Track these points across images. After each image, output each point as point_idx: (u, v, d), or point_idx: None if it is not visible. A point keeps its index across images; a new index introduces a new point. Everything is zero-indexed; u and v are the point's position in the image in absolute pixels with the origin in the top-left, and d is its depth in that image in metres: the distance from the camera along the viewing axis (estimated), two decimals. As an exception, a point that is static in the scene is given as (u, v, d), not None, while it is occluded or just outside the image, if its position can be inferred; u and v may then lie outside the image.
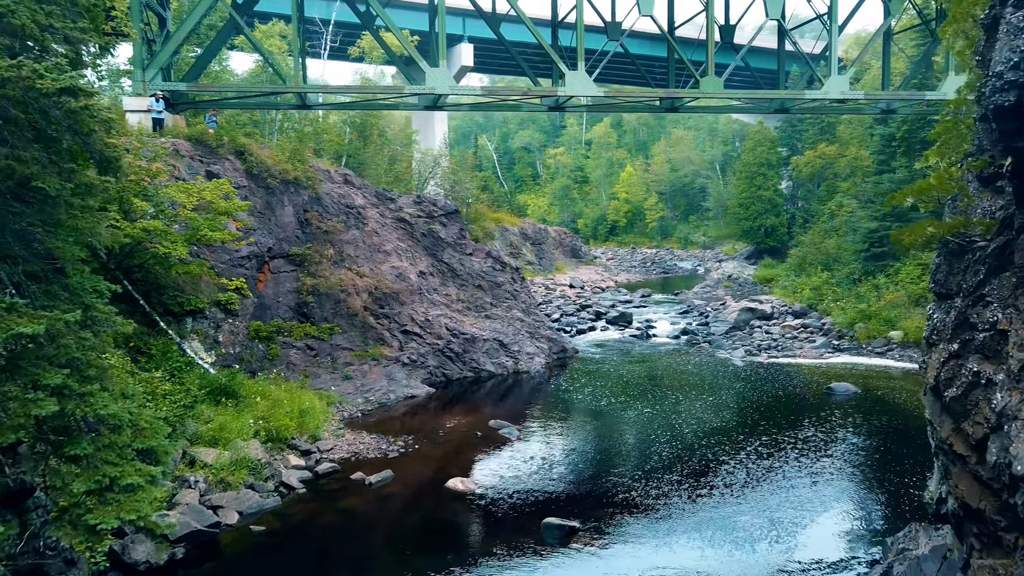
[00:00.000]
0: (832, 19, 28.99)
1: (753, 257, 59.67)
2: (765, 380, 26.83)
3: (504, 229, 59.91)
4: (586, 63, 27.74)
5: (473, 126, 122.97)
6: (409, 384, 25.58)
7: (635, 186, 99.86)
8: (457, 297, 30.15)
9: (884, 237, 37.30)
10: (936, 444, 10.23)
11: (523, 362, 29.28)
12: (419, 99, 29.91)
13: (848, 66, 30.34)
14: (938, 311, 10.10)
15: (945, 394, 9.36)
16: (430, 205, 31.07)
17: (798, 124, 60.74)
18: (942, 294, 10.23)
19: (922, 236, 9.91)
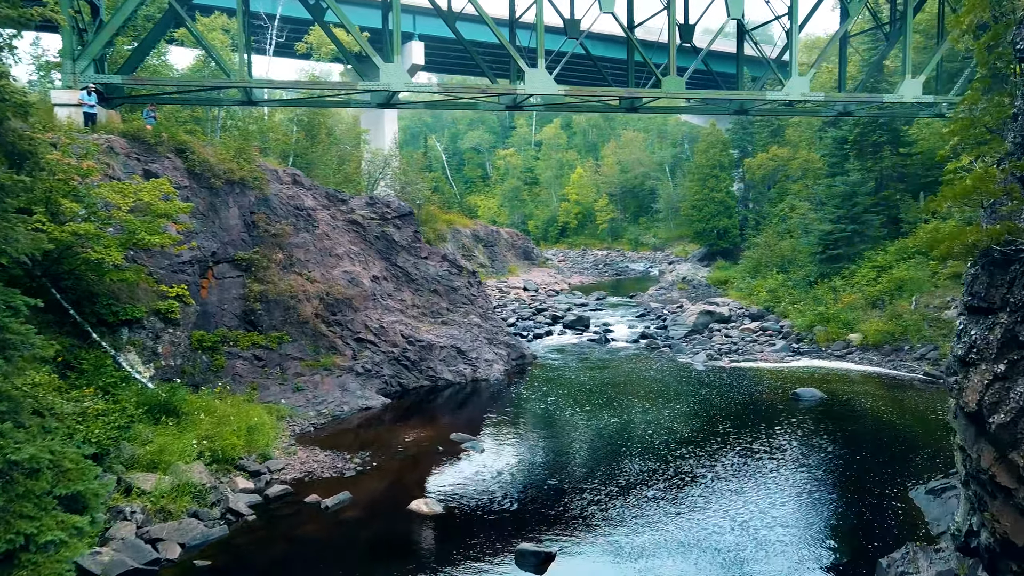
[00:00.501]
0: (792, 19, 28.74)
1: (706, 259, 59.73)
2: (730, 386, 26.33)
3: (456, 231, 58.77)
4: (545, 61, 26.88)
5: (422, 126, 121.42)
6: (364, 395, 24.34)
7: (585, 187, 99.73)
8: (412, 302, 28.98)
9: (839, 239, 37.44)
10: (968, 473, 9.50)
11: (482, 370, 28.26)
12: (372, 96, 28.65)
13: (810, 67, 30.15)
14: (975, 327, 9.37)
15: (989, 420, 8.58)
16: (383, 207, 29.83)
17: (749, 126, 61.08)
18: (981, 308, 9.52)
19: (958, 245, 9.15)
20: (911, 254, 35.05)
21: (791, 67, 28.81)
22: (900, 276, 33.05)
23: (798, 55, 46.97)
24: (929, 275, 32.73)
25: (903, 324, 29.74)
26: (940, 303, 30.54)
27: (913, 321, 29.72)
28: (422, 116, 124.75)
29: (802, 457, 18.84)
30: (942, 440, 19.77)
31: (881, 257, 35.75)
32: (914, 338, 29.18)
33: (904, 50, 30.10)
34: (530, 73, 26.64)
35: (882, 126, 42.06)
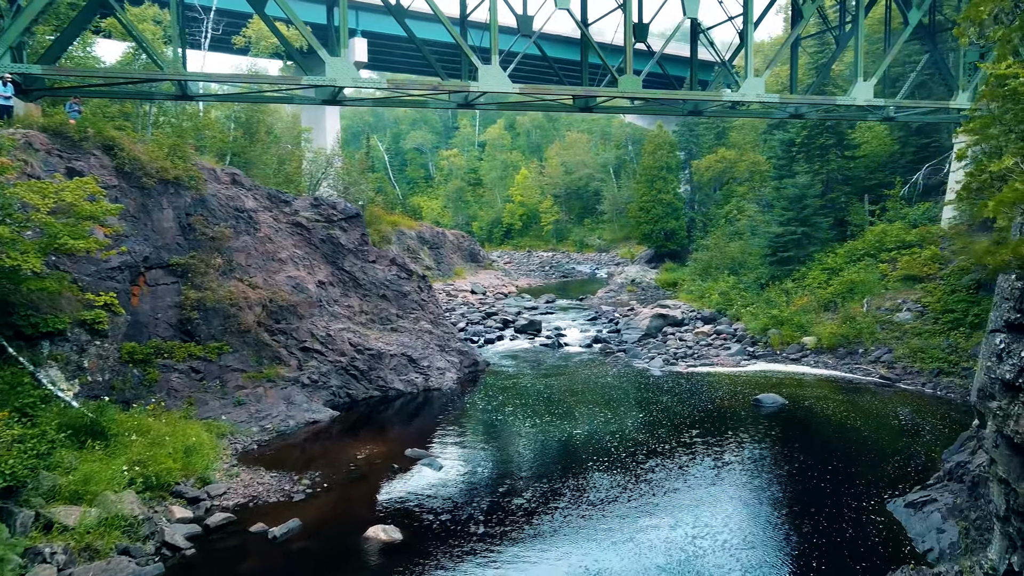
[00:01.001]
0: (747, 19, 28.39)
1: (654, 261, 59.61)
2: (690, 392, 25.78)
3: (401, 233, 57.32)
4: (499, 58, 25.89)
5: (363, 126, 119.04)
6: (310, 407, 22.94)
7: (530, 189, 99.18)
8: (360, 309, 27.65)
9: (789, 242, 37.44)
10: (1011, 508, 8.78)
11: (434, 378, 27.12)
12: (317, 92, 27.15)
13: (765, 69, 29.87)
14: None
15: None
16: (329, 208, 28.41)
17: (695, 128, 61.26)
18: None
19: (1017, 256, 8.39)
20: (860, 256, 35.23)
21: (747, 68, 28.47)
22: (851, 278, 33.13)
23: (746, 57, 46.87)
24: (879, 277, 32.88)
25: (856, 327, 29.72)
26: (891, 305, 30.63)
27: (866, 324, 29.73)
28: (363, 116, 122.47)
29: (771, 468, 18.28)
30: (910, 447, 19.49)
31: (831, 259, 35.85)
32: (868, 341, 29.17)
33: (856, 52, 30.10)
34: (483, 70, 25.59)
35: (828, 129, 42.38)
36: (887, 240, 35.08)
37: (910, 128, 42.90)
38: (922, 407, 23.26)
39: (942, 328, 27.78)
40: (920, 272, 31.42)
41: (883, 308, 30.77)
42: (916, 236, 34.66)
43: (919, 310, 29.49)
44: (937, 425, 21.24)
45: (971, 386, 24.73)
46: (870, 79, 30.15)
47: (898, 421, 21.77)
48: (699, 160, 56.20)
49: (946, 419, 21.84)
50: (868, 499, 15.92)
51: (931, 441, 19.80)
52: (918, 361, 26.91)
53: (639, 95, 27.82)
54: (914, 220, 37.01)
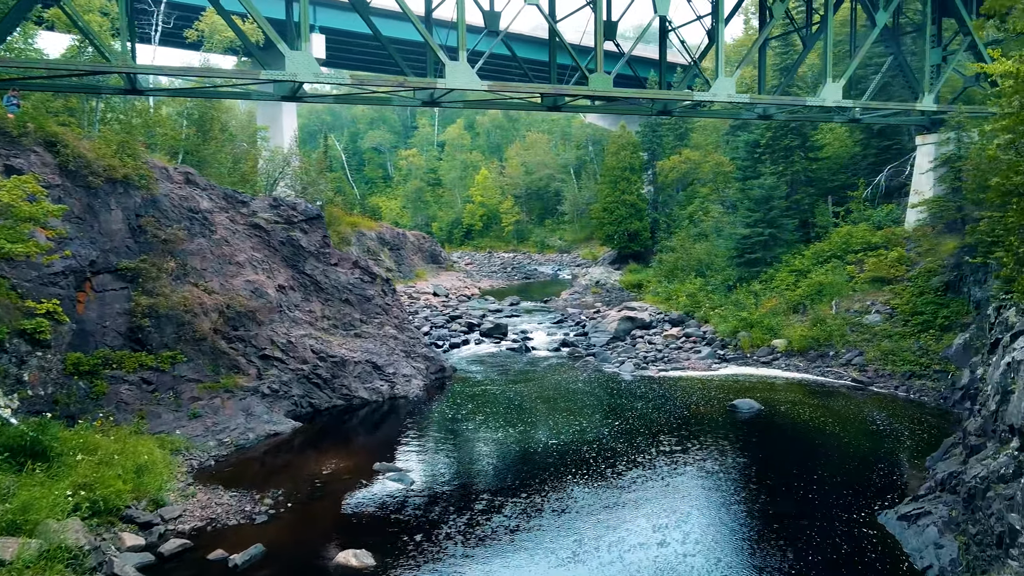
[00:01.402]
0: (718, 17, 28.00)
1: (618, 262, 59.20)
2: (663, 398, 25.22)
3: (361, 234, 56.03)
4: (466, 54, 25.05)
5: (320, 125, 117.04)
6: (271, 419, 21.80)
7: (490, 189, 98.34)
8: (322, 314, 26.54)
9: (756, 243, 37.23)
10: None
11: (400, 386, 26.13)
12: (276, 88, 25.99)
13: (735, 69, 29.57)
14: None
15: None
16: (289, 209, 27.22)
17: (658, 129, 61.02)
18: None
19: None
20: (827, 258, 35.17)
21: (718, 68, 28.06)
22: (819, 280, 33.00)
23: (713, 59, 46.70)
24: (846, 279, 32.80)
25: (827, 329, 29.53)
26: (860, 307, 30.53)
27: (836, 326, 29.56)
28: (320, 115, 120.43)
29: (754, 478, 17.75)
30: (891, 453, 19.15)
31: (798, 261, 35.73)
32: (838, 343, 28.99)
33: (825, 53, 29.95)
34: (451, 66, 24.70)
35: (793, 130, 42.37)
36: (853, 242, 35.07)
37: (871, 130, 43.13)
38: (898, 411, 23.03)
39: (912, 330, 27.70)
40: (887, 274, 31.40)
41: (852, 310, 30.66)
42: (881, 238, 34.71)
43: (888, 312, 29.41)
44: (916, 430, 20.98)
45: (943, 389, 24.69)
46: (839, 80, 30.01)
47: (876, 426, 21.48)
48: (663, 161, 55.92)
49: (924, 424, 21.61)
50: (858, 510, 15.46)
51: (912, 447, 19.50)
52: (889, 364, 26.76)
53: (610, 94, 27.20)
54: (878, 222, 37.11)
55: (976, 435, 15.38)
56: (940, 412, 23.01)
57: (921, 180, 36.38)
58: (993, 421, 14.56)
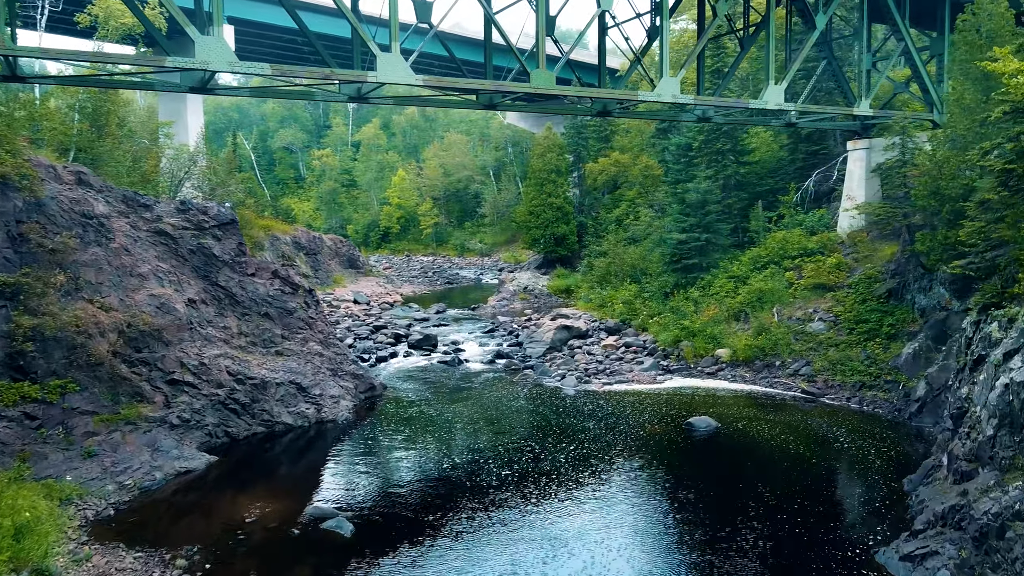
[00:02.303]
0: (662, 14, 26.78)
1: (544, 267, 57.86)
2: (612, 415, 23.72)
3: (275, 238, 52.69)
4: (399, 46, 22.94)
5: (228, 122, 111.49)
6: (182, 453, 19.12)
7: (407, 191, 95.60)
8: (239, 330, 23.86)
9: (693, 249, 36.34)
10: None
11: (327, 408, 23.76)
12: (183, 77, 23.18)
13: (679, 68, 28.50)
14: None
15: None
16: (199, 214, 24.40)
17: (583, 131, 60.04)
18: None
19: None
20: (764, 264, 34.59)
21: (662, 67, 26.84)
22: (759, 287, 32.30)
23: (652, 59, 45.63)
24: (786, 286, 32.23)
25: (771, 338, 28.74)
26: (803, 315, 29.93)
27: (780, 335, 28.81)
28: (227, 111, 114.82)
29: (731, 510, 16.35)
30: (864, 475, 18.11)
31: (736, 267, 35.03)
32: (784, 353, 28.22)
33: (768, 54, 29.25)
34: (383, 59, 22.52)
35: (725, 134, 41.91)
36: (789, 247, 34.62)
37: (799, 135, 43.15)
38: (855, 425, 22.22)
39: (858, 339, 27.16)
40: (827, 280, 30.94)
41: (794, 318, 30.03)
42: (817, 243, 34.38)
43: (831, 320, 28.87)
44: (880, 447, 20.11)
45: (895, 400, 24.12)
46: (780, 83, 29.32)
47: (839, 443, 20.53)
48: (591, 163, 54.89)
49: (885, 439, 20.81)
50: (851, 547, 14.22)
51: (883, 467, 18.55)
52: (838, 374, 26.10)
53: (553, 91, 25.56)
54: (811, 227, 36.86)
55: (967, 460, 14.39)
56: (896, 425, 22.34)
57: (853, 185, 36.34)
58: (991, 447, 13.56)
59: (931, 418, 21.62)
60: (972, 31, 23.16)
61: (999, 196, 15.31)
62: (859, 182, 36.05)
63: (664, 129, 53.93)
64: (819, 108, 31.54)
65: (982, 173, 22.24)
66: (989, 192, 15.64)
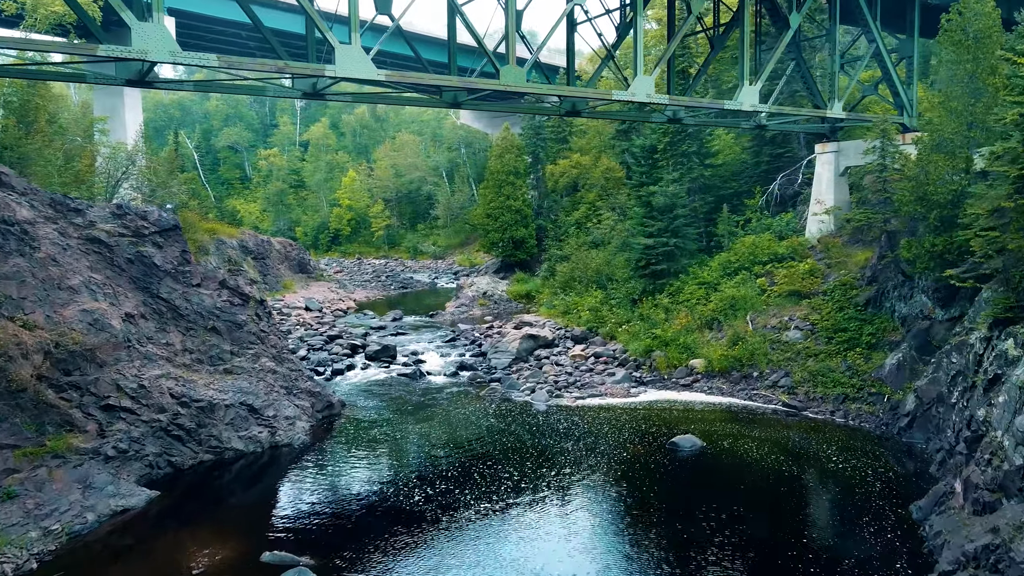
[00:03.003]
0: (636, 10, 25.51)
1: (503, 271, 56.29)
2: (590, 433, 22.31)
3: (220, 242, 49.71)
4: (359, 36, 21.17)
5: (168, 120, 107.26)
6: (118, 490, 17.07)
7: (358, 192, 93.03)
8: (184, 347, 21.76)
9: (662, 254, 35.20)
10: None
11: (282, 431, 21.84)
12: (119, 69, 21.03)
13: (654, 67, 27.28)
14: None
15: None
16: (138, 219, 22.23)
17: (542, 131, 58.68)
18: None
19: None
20: (735, 269, 33.66)
21: (636, 66, 25.56)
22: (731, 294, 31.32)
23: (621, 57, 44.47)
24: (759, 292, 31.32)
25: (748, 348, 27.70)
26: (778, 323, 29.01)
27: (757, 344, 27.80)
28: (169, 109, 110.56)
29: (736, 546, 15.02)
30: (868, 501, 16.97)
31: (706, 273, 34.02)
32: (762, 363, 27.21)
33: (742, 54, 28.25)
34: (342, 51, 20.74)
35: (690, 135, 41.00)
36: (760, 253, 33.74)
37: (763, 138, 42.51)
38: (845, 442, 21.21)
39: (837, 348, 26.30)
40: (801, 287, 30.11)
41: (769, 326, 29.09)
42: (787, 248, 33.59)
43: (808, 328, 28.00)
44: (876, 468, 19.09)
45: (881, 413, 23.25)
46: (755, 83, 28.36)
47: (834, 464, 19.44)
48: (551, 165, 53.55)
49: (880, 459, 19.81)
50: None
51: (885, 491, 17.48)
52: (819, 386, 25.16)
53: (523, 89, 24.07)
54: (780, 231, 36.12)
55: (989, 490, 13.34)
56: (886, 440, 21.42)
57: (822, 189, 35.72)
58: (1020, 477, 12.49)
59: (922, 434, 20.74)
60: (958, 31, 22.43)
61: (1016, 204, 14.36)
62: (828, 185, 35.44)
63: (624, 130, 52.90)
64: (793, 110, 30.74)
65: (971, 179, 21.53)
66: (1004, 200, 14.69)
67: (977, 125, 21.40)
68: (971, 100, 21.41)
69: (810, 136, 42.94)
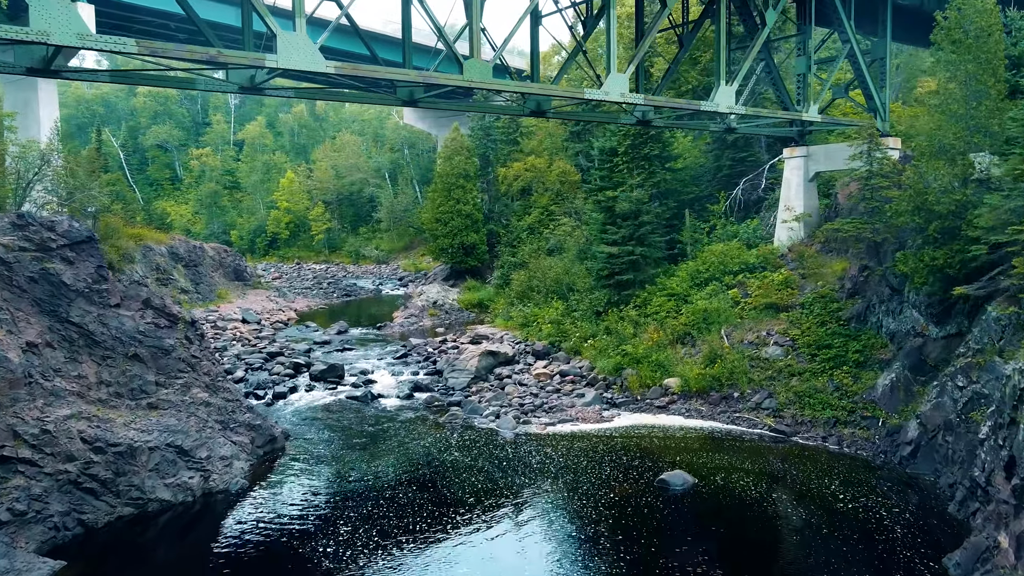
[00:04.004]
0: (610, 6, 23.44)
1: (453, 278, 53.76)
2: (568, 469, 20.07)
3: (148, 249, 46.29)
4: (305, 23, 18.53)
5: (91, 117, 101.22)
6: (12, 564, 14.08)
7: (297, 194, 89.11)
8: (99, 379, 18.73)
9: (629, 263, 33.21)
10: None
11: (216, 474, 19.01)
12: (18, 53, 17.95)
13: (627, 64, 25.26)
14: None
15: None
16: (43, 230, 19.07)
17: (492, 132, 56.36)
18: None
19: None
20: (704, 280, 31.94)
21: (609, 62, 23.48)
22: (702, 307, 29.54)
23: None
24: (731, 304, 29.63)
25: (727, 367, 25.89)
26: (755, 339, 27.31)
27: (736, 362, 26.02)
28: (91, 105, 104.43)
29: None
30: (894, 550, 15.13)
31: (674, 283, 32.19)
32: (742, 383, 25.42)
33: (718, 51, 26.50)
34: (285, 39, 18.06)
35: (652, 138, 39.26)
36: (729, 262, 32.08)
37: (724, 142, 41.06)
38: (846, 475, 19.43)
39: (822, 367, 24.69)
40: (777, 299, 28.52)
41: (747, 342, 27.38)
42: (757, 257, 32.04)
43: (788, 344, 26.36)
44: (888, 505, 17.34)
45: (877, 439, 21.65)
46: (732, 83, 26.60)
47: (842, 503, 17.61)
48: (504, 168, 51.27)
49: (889, 495, 18.07)
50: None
51: (908, 538, 15.67)
52: (807, 408, 23.47)
53: (488, 85, 21.73)
54: (748, 239, 34.58)
55: (1051, 550, 11.56)
56: (888, 471, 19.76)
57: (791, 195, 34.28)
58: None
59: (927, 464, 19.14)
60: (957, 30, 21.01)
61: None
62: (797, 191, 34.03)
63: (578, 132, 51.03)
64: (770, 112, 29.18)
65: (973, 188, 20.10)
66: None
67: (979, 129, 19.97)
68: (972, 103, 19.99)
69: (771, 140, 41.79)
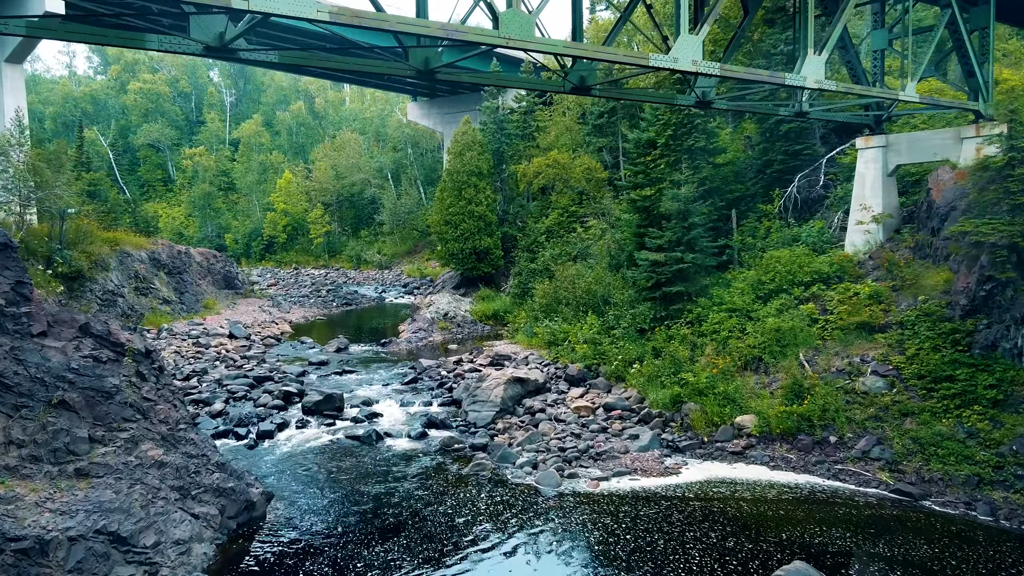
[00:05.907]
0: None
1: (464, 286, 48.72)
2: (643, 554, 15.00)
3: (125, 254, 41.31)
4: None
5: (78, 114, 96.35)
6: None
7: (295, 195, 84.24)
8: (7, 438, 13.73)
9: (677, 273, 28.17)
10: None
11: (167, 568, 13.99)
12: None
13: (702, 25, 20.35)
14: None
15: None
16: (-66, 236, 14.11)
17: (505, 126, 51.33)
18: None
19: None
20: (769, 292, 26.90)
21: (679, 21, 18.49)
22: (774, 325, 24.48)
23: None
24: (808, 323, 24.59)
25: (818, 403, 20.83)
26: (846, 365, 22.26)
27: (828, 396, 20.97)
28: (79, 102, 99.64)
29: None
30: None
31: (736, 297, 27.13)
32: (841, 424, 20.37)
33: (804, 15, 21.58)
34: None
35: (698, 128, 34.29)
36: (798, 271, 27.05)
37: (775, 133, 35.94)
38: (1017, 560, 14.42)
39: (943, 405, 19.61)
40: (868, 317, 23.48)
41: (835, 370, 22.32)
42: (830, 265, 26.99)
43: (893, 374, 21.28)
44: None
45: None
46: (822, 53, 21.59)
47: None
48: (523, 164, 46.20)
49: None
50: None
51: None
52: (933, 460, 18.39)
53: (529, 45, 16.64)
54: (814, 243, 29.55)
55: None
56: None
57: (866, 192, 29.19)
58: None
59: None
60: None
61: None
62: (873, 188, 28.97)
63: (600, 125, 46.08)
64: (862, 88, 23.98)
65: None
66: None
67: None
68: None
69: (826, 131, 36.79)
